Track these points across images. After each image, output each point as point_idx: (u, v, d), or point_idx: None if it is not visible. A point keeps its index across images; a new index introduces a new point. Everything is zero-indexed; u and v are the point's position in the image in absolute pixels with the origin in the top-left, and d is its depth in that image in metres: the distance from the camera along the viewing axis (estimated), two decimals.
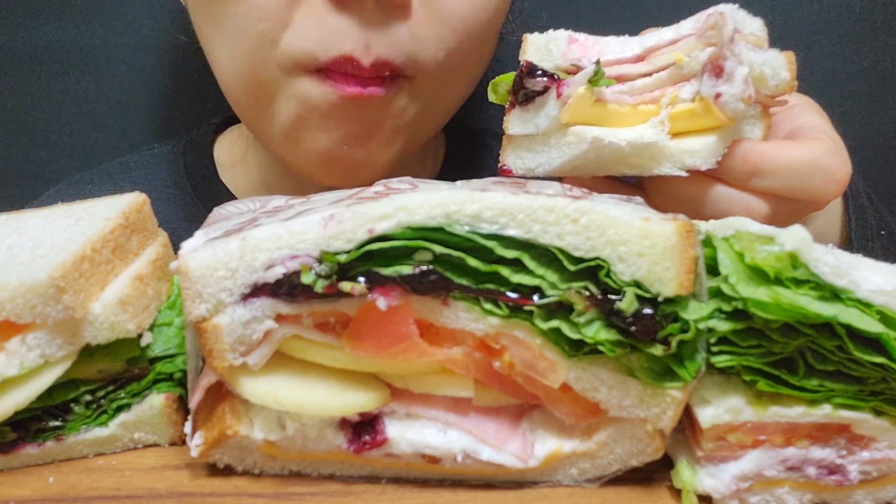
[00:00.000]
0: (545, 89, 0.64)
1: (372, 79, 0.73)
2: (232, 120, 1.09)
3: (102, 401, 0.56)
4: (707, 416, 0.49)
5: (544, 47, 0.65)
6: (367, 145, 0.79)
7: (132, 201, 0.61)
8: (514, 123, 0.67)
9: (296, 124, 0.78)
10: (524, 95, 0.65)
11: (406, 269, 0.48)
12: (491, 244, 0.48)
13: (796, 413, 0.49)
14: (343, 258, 0.48)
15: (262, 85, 0.77)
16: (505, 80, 0.66)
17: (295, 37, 0.73)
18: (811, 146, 0.62)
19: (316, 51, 0.72)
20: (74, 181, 1.07)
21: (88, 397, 0.55)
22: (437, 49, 0.76)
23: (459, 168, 1.04)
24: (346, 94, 0.73)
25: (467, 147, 1.06)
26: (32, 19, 1.15)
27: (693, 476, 0.51)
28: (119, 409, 0.56)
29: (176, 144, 1.08)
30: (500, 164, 0.68)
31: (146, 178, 1.04)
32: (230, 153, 1.04)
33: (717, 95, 0.60)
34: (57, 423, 0.55)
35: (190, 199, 1.01)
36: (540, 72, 0.64)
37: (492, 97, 0.67)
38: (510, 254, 0.48)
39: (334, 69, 0.72)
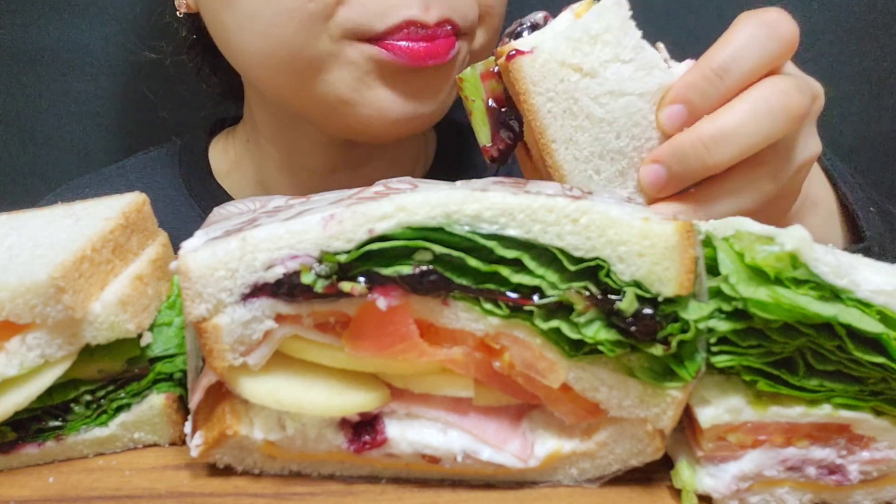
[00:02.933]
0: (545, 21, 0.61)
1: (438, 35, 0.77)
2: (226, 122, 1.09)
3: (102, 401, 0.56)
4: (707, 416, 0.49)
5: None
6: (436, 98, 0.83)
7: (132, 201, 0.61)
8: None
9: (355, 87, 0.79)
10: (516, 33, 0.61)
11: (406, 269, 0.48)
12: (491, 244, 0.47)
13: (796, 413, 0.49)
14: (343, 258, 0.48)
15: (310, 60, 0.78)
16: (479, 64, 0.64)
17: (351, 11, 0.75)
18: (737, 24, 0.61)
19: (373, 21, 0.75)
20: (72, 186, 1.07)
21: (88, 397, 0.55)
22: (476, 10, 0.81)
23: (451, 162, 1.06)
24: (408, 64, 0.76)
25: (457, 142, 1.08)
26: (32, 19, 1.15)
27: (693, 476, 0.51)
28: (119, 409, 0.56)
29: (172, 147, 1.08)
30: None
31: (143, 181, 1.04)
32: (224, 157, 1.05)
33: None
34: (57, 423, 0.55)
35: (187, 201, 1.01)
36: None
37: (464, 72, 0.65)
38: (510, 254, 0.48)
39: (393, 34, 0.75)
